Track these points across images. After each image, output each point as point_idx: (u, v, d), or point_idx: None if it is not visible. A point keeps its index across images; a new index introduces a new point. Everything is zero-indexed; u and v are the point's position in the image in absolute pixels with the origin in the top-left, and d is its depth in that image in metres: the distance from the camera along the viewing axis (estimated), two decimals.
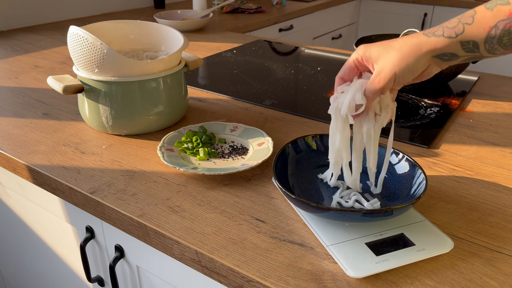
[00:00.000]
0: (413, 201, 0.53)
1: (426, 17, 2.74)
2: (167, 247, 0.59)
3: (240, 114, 0.93)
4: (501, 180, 0.70)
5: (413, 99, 1.01)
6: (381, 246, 0.54)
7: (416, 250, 0.53)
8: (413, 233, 0.55)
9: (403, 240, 0.54)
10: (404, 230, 0.56)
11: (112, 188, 0.67)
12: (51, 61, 1.29)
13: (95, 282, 0.83)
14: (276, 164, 0.63)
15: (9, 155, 0.77)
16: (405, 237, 0.55)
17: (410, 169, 0.62)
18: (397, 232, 0.56)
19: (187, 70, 0.90)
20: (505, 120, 0.91)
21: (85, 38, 0.74)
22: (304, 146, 0.70)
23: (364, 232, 0.56)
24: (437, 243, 0.54)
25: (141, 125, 0.82)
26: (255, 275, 0.51)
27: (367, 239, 0.54)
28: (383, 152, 0.64)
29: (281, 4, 2.32)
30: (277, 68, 1.25)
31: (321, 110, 0.95)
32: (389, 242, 0.54)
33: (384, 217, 0.54)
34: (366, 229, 0.56)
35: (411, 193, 0.59)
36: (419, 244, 0.54)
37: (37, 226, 0.93)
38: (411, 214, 0.59)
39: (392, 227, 0.56)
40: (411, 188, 0.60)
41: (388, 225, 0.57)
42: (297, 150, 0.69)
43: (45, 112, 0.94)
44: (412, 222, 0.58)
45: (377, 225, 0.57)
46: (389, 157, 0.62)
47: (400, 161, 0.64)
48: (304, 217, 0.60)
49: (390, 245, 0.54)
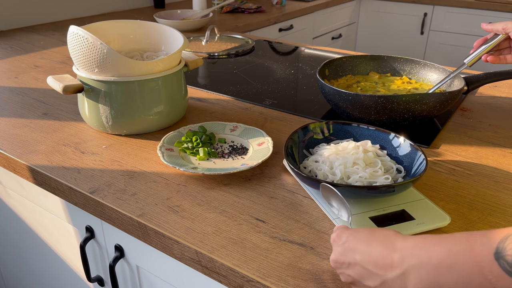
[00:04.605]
0: (413, 179, 0.58)
1: (426, 17, 2.74)
2: (167, 247, 0.59)
3: (240, 114, 0.93)
4: (501, 180, 0.70)
5: None
6: (383, 220, 0.58)
7: (416, 223, 0.57)
8: (413, 209, 0.60)
9: (404, 215, 0.59)
10: (405, 206, 0.61)
11: (112, 188, 0.67)
12: (51, 61, 1.29)
13: (95, 282, 0.83)
14: (287, 146, 0.68)
15: (9, 155, 0.77)
16: (406, 213, 0.59)
17: (411, 151, 0.67)
18: (398, 209, 0.60)
19: (187, 70, 0.90)
20: (505, 120, 0.91)
21: (85, 38, 0.74)
22: (313, 131, 0.74)
23: (368, 208, 0.60)
24: (435, 218, 0.58)
25: (141, 125, 0.82)
26: (255, 275, 0.51)
27: (370, 214, 0.59)
28: (384, 136, 0.71)
29: (281, 4, 2.31)
30: (277, 68, 1.25)
31: (321, 110, 0.95)
32: (391, 217, 0.59)
33: (387, 193, 0.58)
34: (370, 205, 0.61)
35: (412, 173, 0.64)
36: (418, 219, 0.58)
37: (37, 226, 0.93)
38: (411, 192, 0.64)
39: (394, 204, 0.61)
40: (412, 168, 0.64)
41: (390, 202, 0.61)
42: (306, 134, 0.73)
43: (45, 112, 0.94)
44: (413, 200, 0.62)
45: (380, 201, 0.61)
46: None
47: (402, 144, 0.69)
48: (313, 194, 0.64)
49: (392, 219, 0.58)
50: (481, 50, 0.84)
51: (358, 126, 0.74)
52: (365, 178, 0.62)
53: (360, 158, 0.64)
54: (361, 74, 1.03)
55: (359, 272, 0.45)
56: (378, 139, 0.72)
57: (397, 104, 0.78)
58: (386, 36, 2.97)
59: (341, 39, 2.84)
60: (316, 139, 0.73)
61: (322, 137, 0.74)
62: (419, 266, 0.40)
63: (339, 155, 0.66)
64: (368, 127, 0.73)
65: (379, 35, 2.99)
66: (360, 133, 0.73)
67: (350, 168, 0.64)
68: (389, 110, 0.79)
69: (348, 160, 0.64)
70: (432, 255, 0.39)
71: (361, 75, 1.03)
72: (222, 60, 1.33)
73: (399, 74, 1.02)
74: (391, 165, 0.66)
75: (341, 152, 0.66)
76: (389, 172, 0.65)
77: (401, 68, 1.02)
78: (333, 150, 0.67)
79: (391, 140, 0.70)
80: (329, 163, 0.65)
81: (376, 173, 0.63)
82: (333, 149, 0.67)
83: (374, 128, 0.73)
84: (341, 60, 1.02)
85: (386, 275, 0.42)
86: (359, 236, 0.46)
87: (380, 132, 0.72)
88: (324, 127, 0.74)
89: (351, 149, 0.67)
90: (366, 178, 0.62)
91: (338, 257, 0.47)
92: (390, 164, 0.67)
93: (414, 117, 0.81)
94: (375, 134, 0.72)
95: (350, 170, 0.63)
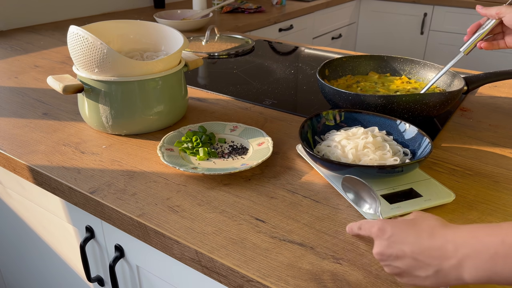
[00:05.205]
0: (420, 159, 0.63)
1: (426, 17, 2.74)
2: (167, 247, 0.59)
3: (240, 114, 0.93)
4: (501, 180, 0.70)
5: None
6: (394, 197, 0.63)
7: (424, 200, 0.63)
8: (421, 188, 0.65)
9: (412, 193, 0.64)
10: (412, 185, 0.66)
11: (112, 188, 0.67)
12: (51, 61, 1.29)
13: (95, 282, 0.83)
14: (301, 132, 0.72)
15: (9, 155, 0.77)
16: (414, 191, 0.65)
17: (417, 135, 0.72)
18: (407, 187, 0.65)
19: (187, 70, 0.90)
20: (504, 120, 0.91)
21: (85, 38, 0.74)
22: (325, 117, 0.79)
23: (379, 187, 0.65)
24: (441, 195, 0.64)
25: (141, 125, 0.82)
26: (255, 274, 0.51)
27: (381, 192, 0.64)
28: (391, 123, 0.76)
29: (281, 4, 2.31)
30: (277, 68, 1.25)
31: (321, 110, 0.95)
32: (401, 194, 0.64)
33: (395, 173, 0.64)
34: (380, 185, 0.66)
35: (417, 155, 0.69)
36: (425, 196, 0.63)
37: (37, 226, 0.93)
38: (418, 173, 0.69)
39: (403, 183, 0.66)
40: (418, 151, 0.70)
41: (399, 182, 0.67)
42: (318, 121, 0.77)
43: (45, 112, 0.94)
44: (419, 179, 0.67)
45: (390, 181, 0.67)
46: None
47: (407, 129, 0.74)
48: (327, 176, 0.69)
49: (401, 196, 0.64)
50: (475, 37, 0.83)
51: (366, 114, 0.78)
52: (375, 160, 0.66)
53: (370, 142, 0.69)
54: (361, 74, 1.03)
55: (408, 263, 0.45)
56: (385, 126, 0.76)
57: (397, 104, 0.79)
58: (386, 36, 2.97)
59: (341, 39, 2.84)
60: (328, 125, 0.78)
61: (333, 124, 0.78)
62: (475, 256, 0.41)
63: (350, 140, 0.70)
64: (374, 115, 0.77)
65: (379, 35, 2.99)
66: (368, 120, 0.77)
67: (361, 151, 0.68)
68: (389, 110, 0.80)
69: (359, 144, 0.69)
70: (487, 246, 0.41)
71: (361, 75, 1.03)
72: (222, 60, 1.33)
73: (399, 74, 1.02)
74: (398, 149, 0.71)
75: (352, 137, 0.71)
76: (397, 155, 0.70)
77: (401, 68, 1.02)
78: (344, 135, 0.72)
79: (398, 125, 0.75)
80: (341, 147, 0.70)
81: (385, 155, 0.68)
82: (344, 135, 0.72)
83: (381, 115, 0.77)
84: (341, 60, 1.02)
85: (440, 264, 0.43)
86: (404, 228, 0.47)
87: (387, 119, 0.76)
88: (336, 114, 0.79)
89: (360, 134, 0.71)
90: (376, 160, 0.66)
91: (384, 249, 0.47)
92: (397, 147, 0.71)
93: (414, 117, 0.81)
94: (381, 121, 0.76)
95: (361, 153, 0.68)
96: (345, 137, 0.71)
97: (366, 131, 0.72)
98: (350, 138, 0.71)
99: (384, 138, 0.73)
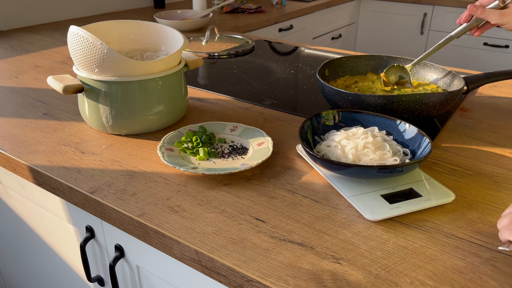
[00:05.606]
0: (419, 159, 0.62)
1: (425, 17, 2.74)
2: (167, 246, 0.59)
3: (240, 114, 0.93)
4: (501, 180, 0.70)
5: None
6: (393, 197, 0.63)
7: (424, 200, 0.62)
8: (420, 188, 0.65)
9: (412, 193, 0.64)
10: (412, 185, 0.66)
11: (112, 188, 0.67)
12: (51, 61, 1.29)
13: (95, 282, 0.83)
14: (301, 132, 0.72)
15: (9, 155, 0.77)
16: (413, 191, 0.65)
17: (416, 135, 0.72)
18: (406, 187, 0.65)
19: (187, 70, 0.90)
20: (504, 120, 0.91)
21: (85, 38, 0.74)
22: (325, 117, 0.78)
23: (379, 187, 0.65)
24: (441, 195, 0.64)
25: (141, 125, 0.82)
26: (255, 274, 0.51)
27: (381, 192, 0.64)
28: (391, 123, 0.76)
29: (281, 4, 2.32)
30: (277, 68, 1.25)
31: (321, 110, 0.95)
32: (400, 194, 0.64)
33: (395, 173, 0.63)
34: (380, 185, 0.66)
35: (417, 155, 0.69)
36: (425, 196, 0.63)
37: (38, 226, 0.93)
38: (418, 173, 0.69)
39: (403, 183, 0.66)
40: (417, 151, 0.70)
41: (399, 182, 0.67)
42: (318, 121, 0.77)
43: (45, 112, 0.94)
44: (419, 179, 0.67)
45: (390, 181, 0.67)
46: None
47: (407, 130, 0.74)
48: (327, 176, 0.69)
49: (401, 196, 0.64)
50: (468, 25, 0.89)
51: (366, 114, 0.78)
52: (375, 160, 0.66)
53: (369, 142, 0.69)
54: (361, 74, 1.03)
55: None
56: (385, 126, 0.76)
57: (397, 104, 0.79)
58: (386, 36, 2.97)
59: (341, 39, 2.84)
60: (327, 125, 0.78)
61: (333, 124, 0.78)
62: None
63: (350, 140, 0.70)
64: (374, 115, 0.77)
65: (379, 35, 2.99)
66: (368, 120, 0.77)
67: (361, 151, 0.68)
68: (389, 110, 0.80)
69: (359, 144, 0.69)
70: None
71: (360, 75, 1.03)
72: (222, 60, 1.33)
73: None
74: (398, 149, 0.71)
75: (352, 137, 0.71)
76: (397, 155, 0.70)
77: None
78: (344, 135, 0.72)
79: (397, 125, 0.75)
80: (341, 147, 0.70)
81: (385, 155, 0.68)
82: (344, 135, 0.72)
83: (381, 115, 0.77)
84: (341, 60, 1.02)
85: None
86: None
87: (387, 119, 0.76)
88: (336, 114, 0.79)
89: (360, 134, 0.71)
90: (376, 160, 0.66)
91: None
92: (397, 147, 0.71)
93: (414, 117, 0.81)
94: (381, 121, 0.76)
95: (361, 153, 0.68)
96: (345, 137, 0.71)
97: (366, 131, 0.72)
98: (350, 138, 0.71)
99: (384, 138, 0.73)
